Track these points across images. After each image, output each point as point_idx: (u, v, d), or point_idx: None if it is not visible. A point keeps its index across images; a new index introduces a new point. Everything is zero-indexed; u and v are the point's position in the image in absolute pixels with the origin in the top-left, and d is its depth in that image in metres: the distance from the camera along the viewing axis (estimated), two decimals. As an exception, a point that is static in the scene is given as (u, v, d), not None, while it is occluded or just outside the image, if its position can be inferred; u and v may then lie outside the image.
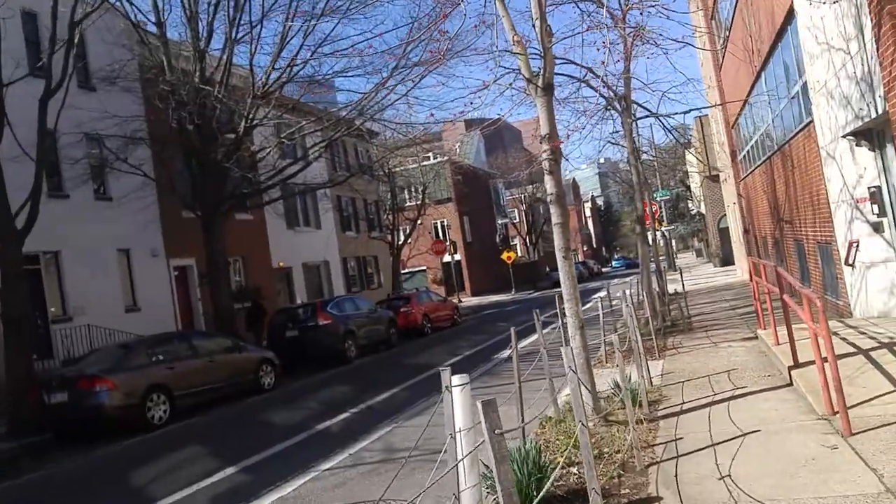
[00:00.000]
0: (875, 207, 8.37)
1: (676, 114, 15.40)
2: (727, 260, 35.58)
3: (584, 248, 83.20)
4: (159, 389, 10.95)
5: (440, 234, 45.31)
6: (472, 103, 7.81)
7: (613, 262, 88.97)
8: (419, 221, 33.65)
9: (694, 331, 12.49)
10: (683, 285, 16.83)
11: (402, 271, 36.71)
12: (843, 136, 8.49)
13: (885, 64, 6.20)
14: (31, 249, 12.14)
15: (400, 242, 32.02)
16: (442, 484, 5.94)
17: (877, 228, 8.46)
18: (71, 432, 10.65)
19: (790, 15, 9.97)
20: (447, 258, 39.34)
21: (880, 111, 6.91)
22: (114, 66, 16.27)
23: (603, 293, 31.95)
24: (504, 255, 43.35)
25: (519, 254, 53.23)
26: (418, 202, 34.80)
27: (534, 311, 7.73)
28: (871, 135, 8.25)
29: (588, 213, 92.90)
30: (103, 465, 8.82)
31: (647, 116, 14.70)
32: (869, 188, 8.40)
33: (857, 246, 8.75)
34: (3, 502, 7.58)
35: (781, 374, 7.30)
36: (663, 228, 42.36)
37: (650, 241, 27.58)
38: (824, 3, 7.09)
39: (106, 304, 16.86)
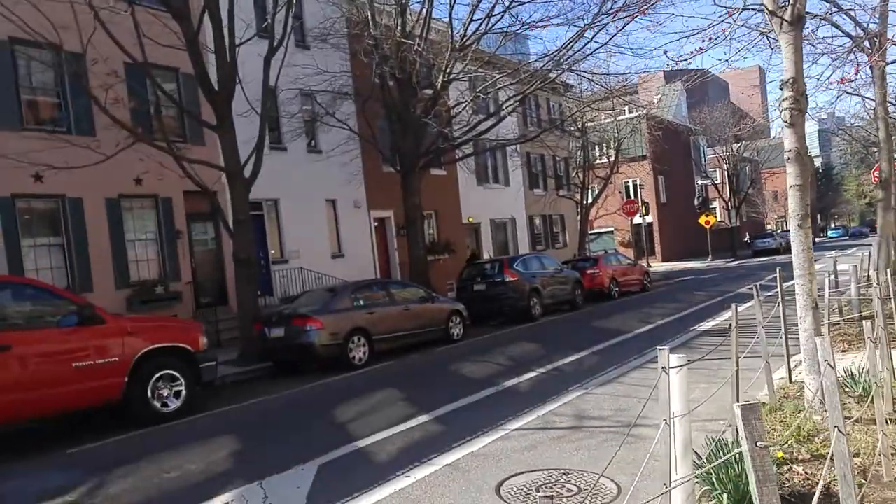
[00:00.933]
0: None
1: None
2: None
3: (796, 215, 74.37)
4: (360, 332, 11.74)
5: (631, 193, 43.19)
6: (692, 50, 6.96)
7: (830, 232, 79.09)
8: (610, 180, 32.23)
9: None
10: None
11: (589, 232, 35.67)
12: None
13: None
14: (255, 197, 13.50)
15: (589, 201, 31.01)
16: (636, 461, 5.63)
17: None
18: (285, 364, 11.87)
19: None
20: (638, 220, 37.46)
21: None
22: (325, 23, 17.34)
23: (818, 266, 28.49)
24: (702, 219, 40.27)
25: (718, 218, 49.08)
26: (611, 159, 33.32)
27: (754, 285, 6.90)
28: None
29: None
30: (314, 397, 9.68)
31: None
32: None
33: None
34: (233, 421, 8.61)
35: None
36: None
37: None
38: None
39: (315, 249, 18.48)
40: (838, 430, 3.12)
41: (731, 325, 5.20)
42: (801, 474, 4.62)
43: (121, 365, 8.10)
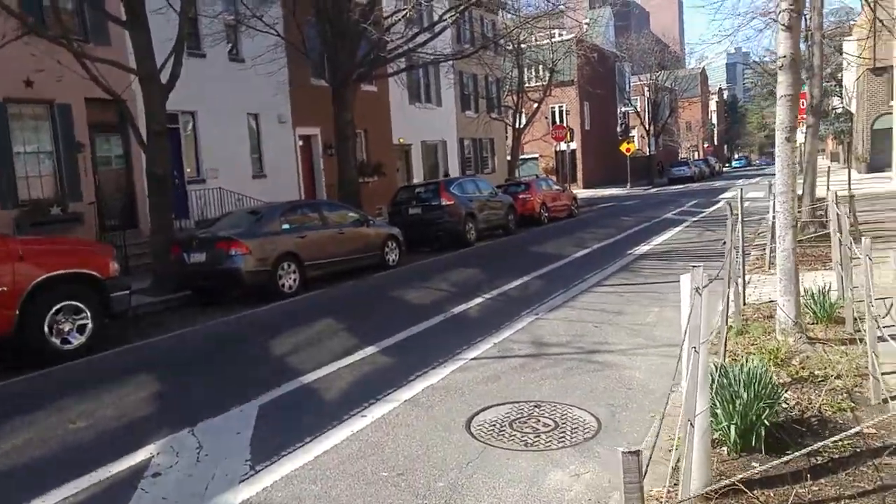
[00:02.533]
0: None
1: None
2: (875, 166, 31.54)
3: (706, 145, 77.38)
4: (290, 258, 10.90)
5: (557, 119, 43.02)
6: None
7: (734, 162, 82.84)
8: (540, 104, 31.73)
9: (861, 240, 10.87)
10: (827, 188, 14.75)
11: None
12: None
13: None
14: (170, 108, 12.06)
15: (521, 125, 30.48)
16: (607, 390, 5.32)
17: None
18: (207, 293, 10.92)
19: None
20: (562, 146, 37.41)
21: None
22: None
23: (730, 194, 29.51)
24: (623, 147, 40.76)
25: (637, 147, 49.94)
26: (544, 82, 32.71)
27: (728, 201, 6.57)
28: None
29: (714, 106, 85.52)
30: (243, 328, 8.88)
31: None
32: None
33: None
34: (152, 358, 7.73)
35: None
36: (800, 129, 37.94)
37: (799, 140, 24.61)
38: None
39: (235, 168, 17.10)
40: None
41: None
42: (790, 399, 4.39)
43: (9, 295, 6.96)
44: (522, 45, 29.65)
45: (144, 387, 6.29)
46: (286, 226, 11.31)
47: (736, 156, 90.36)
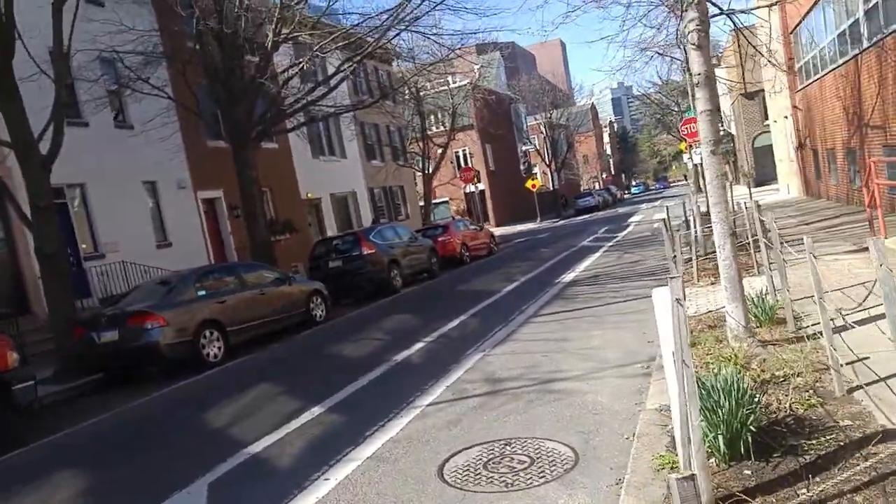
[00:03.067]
0: None
1: (755, 8, 13.69)
2: (761, 181, 34.22)
3: (605, 175, 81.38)
4: (212, 325, 10.23)
5: (462, 162, 43.94)
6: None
7: (633, 189, 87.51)
8: (448, 147, 32.31)
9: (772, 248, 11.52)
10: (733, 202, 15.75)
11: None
12: None
13: None
14: (54, 182, 11.22)
15: (430, 170, 30.82)
16: (574, 418, 5.19)
17: None
18: (123, 372, 10.04)
19: None
20: (470, 188, 38.14)
21: None
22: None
23: (638, 217, 31.00)
24: (528, 184, 42.07)
25: (540, 182, 51.76)
26: (446, 127, 33.38)
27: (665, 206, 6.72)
28: None
29: (607, 138, 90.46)
30: (169, 405, 8.16)
31: (717, 15, 13.18)
32: None
33: None
34: (71, 453, 6.91)
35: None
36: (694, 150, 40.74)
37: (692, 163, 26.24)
38: None
39: (137, 239, 16.11)
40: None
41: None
42: (761, 402, 4.40)
43: None
44: (422, 93, 30.25)
45: (71, 486, 5.55)
46: (202, 292, 10.65)
47: (634, 182, 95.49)
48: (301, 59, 15.53)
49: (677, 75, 38.20)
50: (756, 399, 3.67)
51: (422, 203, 32.00)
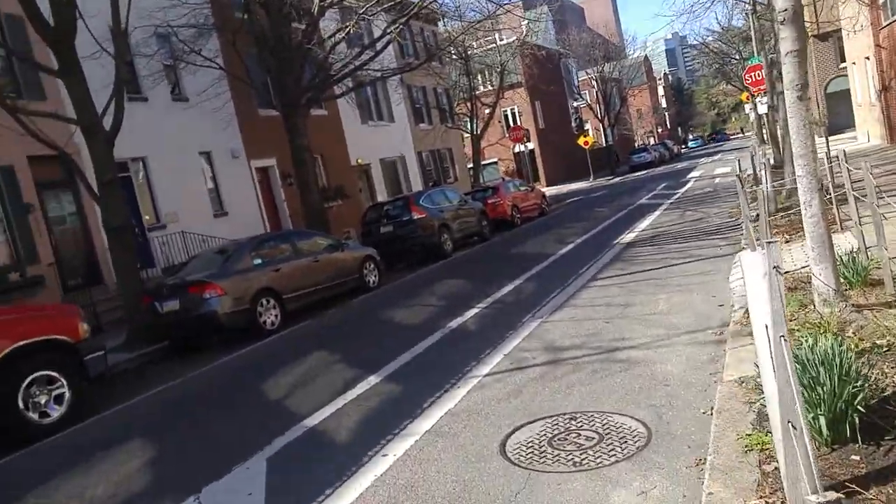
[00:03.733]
0: None
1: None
2: (834, 128, 32.25)
3: (660, 129, 78.60)
4: (268, 293, 10.31)
5: (511, 121, 43.07)
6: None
7: (690, 143, 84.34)
8: (494, 108, 31.63)
9: (864, 201, 10.75)
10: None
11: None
12: None
13: None
14: (118, 156, 11.41)
15: (478, 131, 30.26)
16: (643, 390, 4.92)
17: None
18: (185, 340, 10.26)
19: None
20: (520, 147, 37.41)
21: None
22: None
23: (697, 172, 29.77)
24: (581, 141, 40.96)
25: (594, 139, 50.38)
26: (494, 86, 32.63)
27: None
28: None
29: (661, 91, 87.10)
30: (229, 374, 8.27)
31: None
32: None
33: None
34: (139, 421, 7.09)
35: None
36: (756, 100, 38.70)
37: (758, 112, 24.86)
38: None
39: (195, 209, 16.41)
40: None
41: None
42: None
43: (-27, 374, 6.31)
44: (469, 52, 29.54)
45: (136, 455, 5.65)
46: (258, 261, 10.71)
47: (691, 136, 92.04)
48: (347, 24, 15.23)
49: (738, 21, 36.16)
50: (863, 374, 3.31)
51: (471, 165, 31.55)
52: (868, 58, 20.72)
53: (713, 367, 4.92)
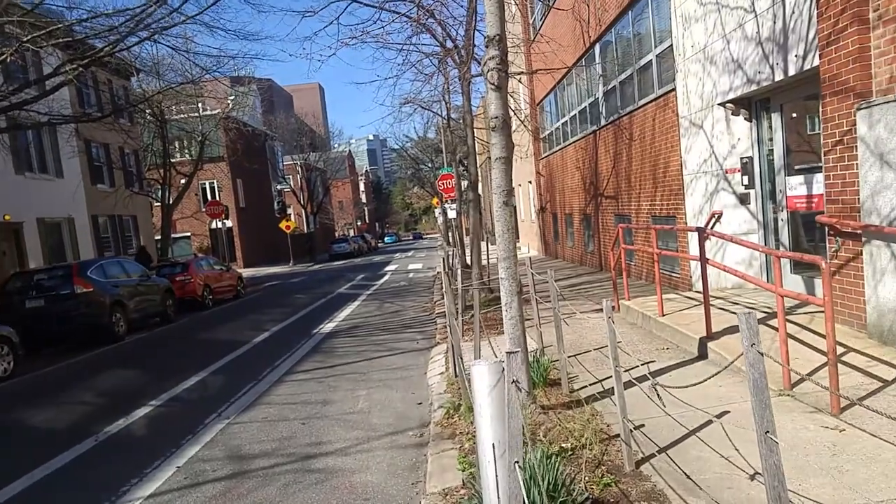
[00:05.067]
0: (745, 178, 8.37)
1: (515, 74, 14.60)
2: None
3: (360, 223, 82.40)
4: None
5: (209, 195, 40.72)
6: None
7: (386, 238, 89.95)
8: (194, 177, 29.42)
9: (526, 303, 11.98)
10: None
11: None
12: (722, 104, 8.35)
13: (824, 14, 5.82)
14: None
15: (171, 201, 27.60)
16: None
17: (743, 200, 8.49)
18: None
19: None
20: (216, 224, 35.30)
21: (792, 72, 6.66)
22: None
23: (393, 266, 31.27)
24: (283, 224, 40.35)
25: (295, 224, 50.27)
26: (191, 157, 30.48)
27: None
28: (748, 103, 8.20)
29: (362, 187, 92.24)
30: None
31: (480, 74, 13.79)
32: (741, 158, 8.37)
33: (719, 217, 8.75)
34: None
35: (681, 347, 6.80)
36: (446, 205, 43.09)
37: (446, 218, 27.37)
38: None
39: None
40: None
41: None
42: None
43: None
44: (166, 115, 27.29)
45: None
46: None
47: (387, 232, 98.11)
48: (3, 50, 12.45)
49: (432, 133, 40.34)
50: (574, 490, 3.12)
51: (159, 237, 28.47)
52: (531, 182, 24.49)
53: (415, 474, 4.51)
